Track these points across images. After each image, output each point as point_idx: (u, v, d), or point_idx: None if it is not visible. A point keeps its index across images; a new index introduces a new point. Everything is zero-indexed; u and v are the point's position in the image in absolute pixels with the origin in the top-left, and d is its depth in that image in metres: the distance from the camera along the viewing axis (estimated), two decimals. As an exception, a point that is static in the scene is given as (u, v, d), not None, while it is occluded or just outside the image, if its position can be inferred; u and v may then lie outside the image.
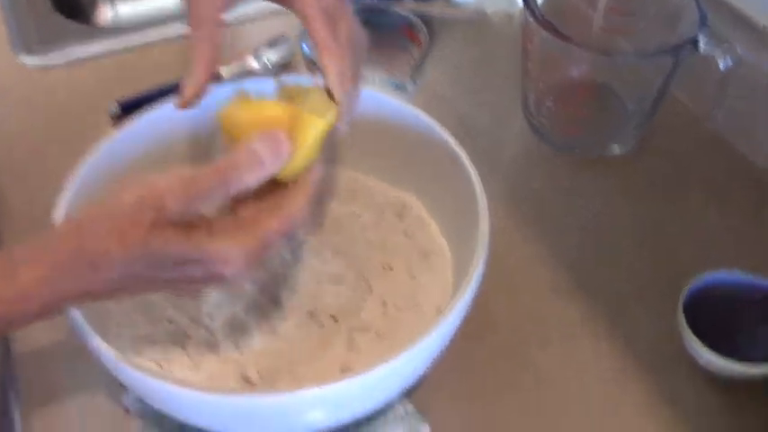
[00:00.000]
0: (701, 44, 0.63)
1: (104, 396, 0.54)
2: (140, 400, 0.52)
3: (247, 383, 0.50)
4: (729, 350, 0.54)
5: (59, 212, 0.50)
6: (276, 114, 0.46)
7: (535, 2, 0.66)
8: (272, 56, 0.76)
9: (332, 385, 0.42)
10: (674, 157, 0.71)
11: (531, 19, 0.66)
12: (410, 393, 0.53)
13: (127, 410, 0.53)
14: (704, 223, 0.66)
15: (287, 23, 0.83)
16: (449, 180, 0.56)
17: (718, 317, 0.56)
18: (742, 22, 0.68)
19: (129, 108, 0.72)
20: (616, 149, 0.71)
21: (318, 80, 0.49)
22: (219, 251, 0.41)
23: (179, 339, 0.52)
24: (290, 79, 0.52)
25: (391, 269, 0.57)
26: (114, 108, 0.73)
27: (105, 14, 1.09)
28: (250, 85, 0.51)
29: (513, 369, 0.57)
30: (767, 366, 0.53)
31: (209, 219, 0.43)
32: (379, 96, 0.59)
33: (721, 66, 0.63)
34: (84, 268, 0.40)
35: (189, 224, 0.41)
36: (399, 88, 0.65)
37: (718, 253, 0.63)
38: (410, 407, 0.53)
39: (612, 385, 0.56)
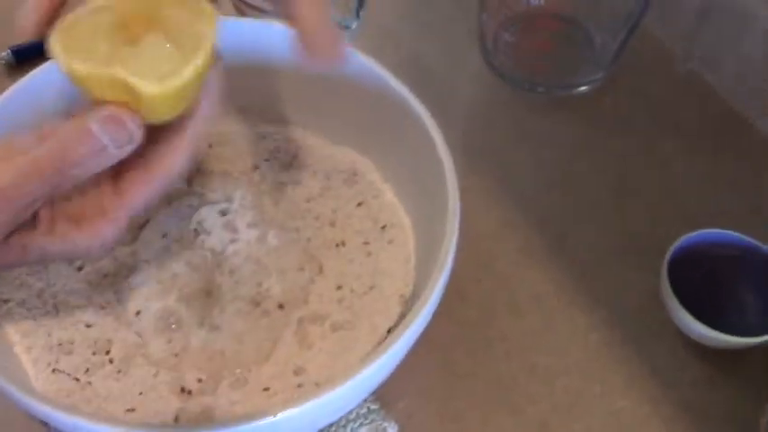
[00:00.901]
0: (679, -31, 0.56)
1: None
2: None
3: (184, 393, 0.43)
4: (715, 318, 0.49)
5: None
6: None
7: None
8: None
9: (288, 411, 0.36)
10: (646, 97, 0.65)
11: (488, -58, 0.58)
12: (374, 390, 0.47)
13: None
14: (680, 171, 0.61)
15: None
16: (402, 137, 0.48)
17: (702, 282, 0.52)
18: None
19: (23, 54, 0.63)
20: (583, 88, 0.65)
21: None
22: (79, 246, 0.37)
23: (101, 345, 0.44)
24: None
25: (344, 245, 0.49)
26: (6, 55, 0.63)
27: None
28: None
29: (483, 344, 0.52)
30: (753, 338, 0.49)
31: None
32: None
33: (699, -7, 0.56)
34: None
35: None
36: (344, 27, 0.57)
37: (698, 205, 0.58)
38: (374, 404, 0.47)
39: (591, 356, 0.52)
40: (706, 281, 0.52)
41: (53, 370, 0.42)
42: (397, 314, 0.46)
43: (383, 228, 0.50)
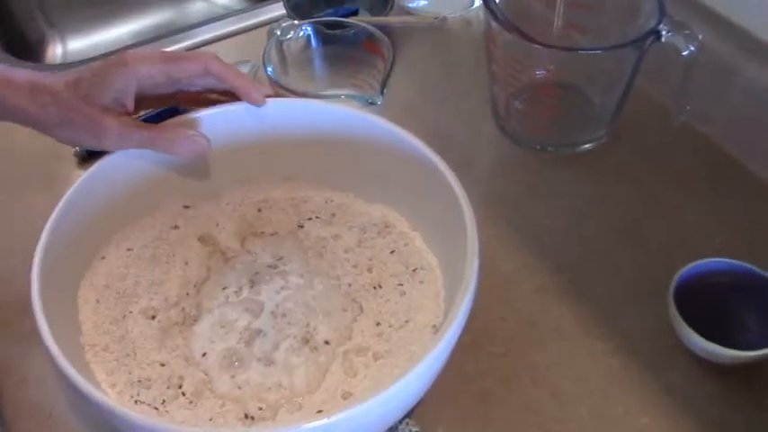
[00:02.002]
0: (664, 33, 0.63)
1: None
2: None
3: (248, 419, 0.49)
4: (722, 337, 0.54)
5: (38, 258, 0.49)
6: None
7: (495, 4, 0.66)
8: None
9: (336, 415, 0.42)
10: (646, 149, 0.72)
11: (493, 22, 0.66)
12: (411, 412, 0.52)
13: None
14: (682, 213, 0.67)
15: (248, 45, 0.82)
16: (429, 192, 0.55)
17: (707, 305, 0.57)
18: (698, 8, 0.70)
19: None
20: (588, 146, 0.72)
21: None
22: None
23: (174, 381, 0.50)
24: None
25: (380, 287, 0.56)
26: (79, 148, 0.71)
27: (55, 52, 1.07)
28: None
29: (511, 374, 0.57)
30: (759, 350, 0.53)
31: None
32: (351, 113, 0.59)
33: (684, 53, 0.63)
34: None
35: None
36: (370, 103, 0.65)
37: (700, 242, 0.64)
38: (415, 427, 0.52)
39: (610, 382, 0.56)
40: (710, 305, 0.57)
41: (135, 401, 0.49)
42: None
43: (414, 270, 0.56)
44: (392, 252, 0.58)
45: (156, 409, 0.49)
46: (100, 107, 0.53)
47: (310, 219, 0.60)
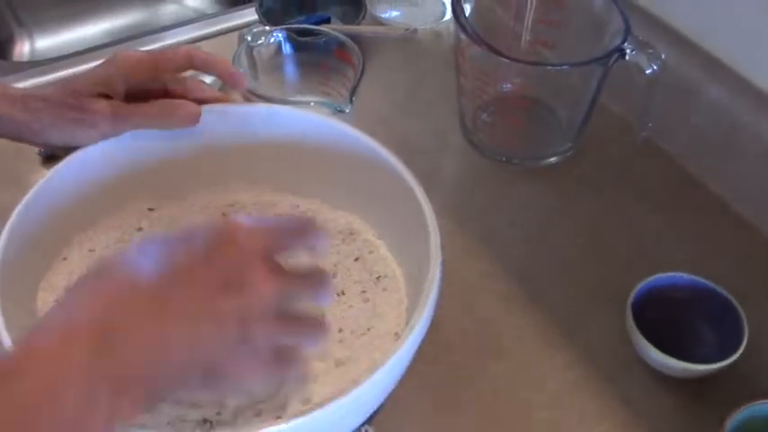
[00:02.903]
0: (628, 51, 0.65)
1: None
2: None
3: (207, 424, 0.49)
4: (678, 350, 0.55)
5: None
6: None
7: (465, 17, 0.67)
8: (207, 80, 0.75)
9: (295, 420, 0.42)
10: (610, 163, 0.73)
11: (462, 35, 0.67)
12: (371, 418, 0.53)
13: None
14: (643, 227, 0.68)
15: (218, 49, 0.82)
16: (395, 201, 0.56)
17: (665, 319, 0.58)
18: (663, 29, 0.71)
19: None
20: (553, 159, 0.73)
21: None
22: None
23: None
24: None
25: (344, 294, 0.56)
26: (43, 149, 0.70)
27: (22, 50, 1.06)
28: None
29: (471, 382, 0.58)
30: (713, 364, 0.55)
31: None
32: (319, 120, 0.59)
33: (648, 71, 0.65)
34: None
35: None
36: (338, 110, 0.65)
37: (660, 255, 0.65)
38: (373, 432, 0.52)
39: (568, 392, 0.57)
40: (667, 319, 0.58)
41: None
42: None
43: (378, 278, 0.57)
44: (356, 259, 0.58)
45: None
46: (88, 98, 0.54)
47: (276, 224, 0.60)
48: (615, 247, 0.66)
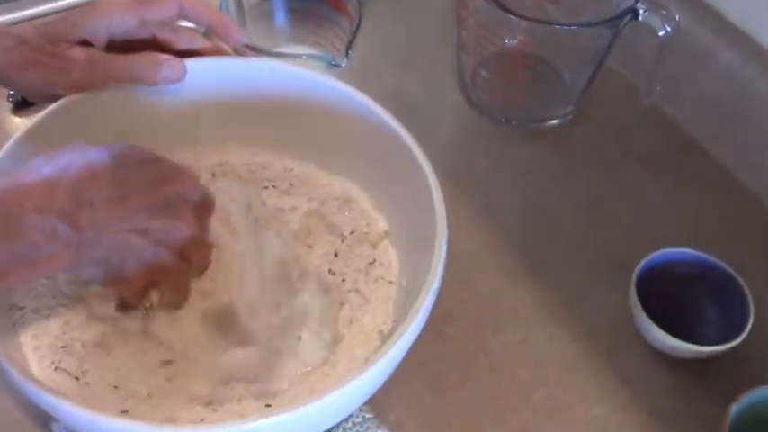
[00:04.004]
0: (641, 12, 0.61)
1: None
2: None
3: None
4: (681, 329, 0.54)
5: None
6: None
7: (470, -32, 0.63)
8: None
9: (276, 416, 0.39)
10: (612, 129, 0.70)
11: (466, -13, 0.63)
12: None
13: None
14: (645, 195, 0.66)
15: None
16: (396, 170, 0.53)
17: (668, 296, 0.56)
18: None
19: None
20: (554, 122, 0.70)
21: None
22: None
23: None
24: None
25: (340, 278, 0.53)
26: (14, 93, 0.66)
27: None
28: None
29: (468, 358, 0.56)
30: (717, 346, 0.53)
31: None
32: (315, 77, 0.56)
33: (660, 33, 0.62)
34: None
35: None
36: (333, 65, 0.61)
37: (661, 226, 0.63)
38: (368, 413, 0.50)
39: (567, 367, 0.56)
40: (671, 296, 0.57)
41: (55, 368, 0.46)
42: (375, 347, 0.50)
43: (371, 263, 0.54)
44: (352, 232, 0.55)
45: (77, 378, 0.46)
46: (66, 44, 0.50)
47: (266, 188, 0.57)
48: (617, 218, 0.64)
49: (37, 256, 0.41)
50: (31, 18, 0.72)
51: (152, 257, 0.45)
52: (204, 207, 0.49)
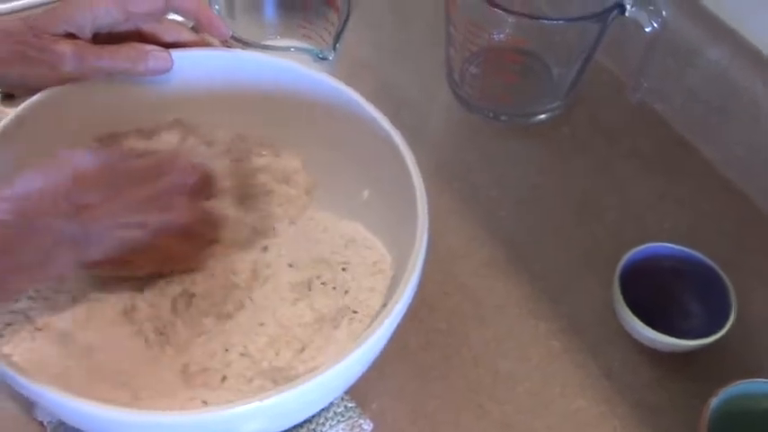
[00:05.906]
0: (628, 7, 0.61)
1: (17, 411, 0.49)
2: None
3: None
4: (663, 323, 0.54)
5: None
6: None
7: (458, -37, 0.63)
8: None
9: (267, 399, 0.39)
10: (599, 124, 0.70)
11: (454, -19, 0.63)
12: (349, 387, 0.51)
13: (42, 425, 0.49)
14: (632, 191, 0.66)
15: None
16: (384, 170, 0.52)
17: (652, 290, 0.56)
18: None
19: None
20: (542, 116, 0.70)
21: None
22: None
23: None
24: None
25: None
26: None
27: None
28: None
29: (452, 350, 0.56)
30: (698, 340, 0.53)
31: None
32: (307, 73, 0.55)
33: (647, 29, 0.62)
34: None
35: None
36: (321, 58, 0.61)
37: (647, 221, 0.63)
38: (350, 402, 0.51)
39: (551, 361, 0.56)
40: (654, 290, 0.57)
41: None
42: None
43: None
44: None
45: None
46: (51, 37, 0.50)
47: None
48: (603, 212, 0.64)
49: (39, 262, 0.42)
50: (16, 11, 0.72)
51: (153, 243, 0.47)
52: (204, 186, 0.51)
